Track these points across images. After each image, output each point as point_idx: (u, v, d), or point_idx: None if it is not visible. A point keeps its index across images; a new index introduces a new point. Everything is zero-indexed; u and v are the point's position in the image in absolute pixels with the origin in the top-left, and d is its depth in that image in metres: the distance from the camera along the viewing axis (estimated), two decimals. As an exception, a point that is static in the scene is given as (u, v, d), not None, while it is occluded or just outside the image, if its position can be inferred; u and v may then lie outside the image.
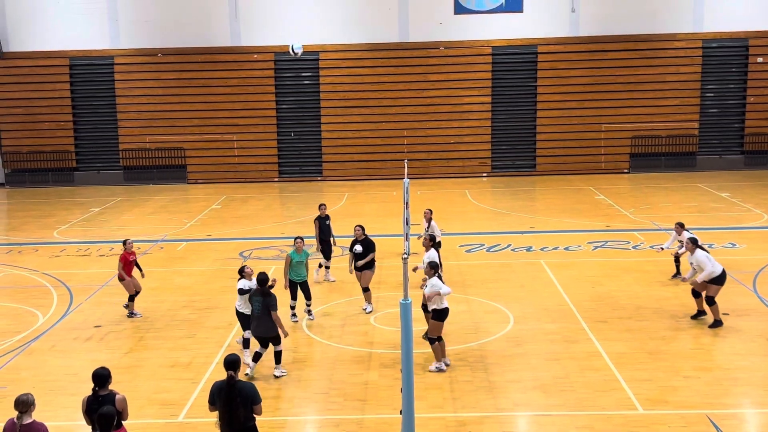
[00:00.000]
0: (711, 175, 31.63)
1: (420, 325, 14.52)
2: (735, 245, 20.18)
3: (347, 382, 12.36)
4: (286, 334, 12.40)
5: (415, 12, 33.03)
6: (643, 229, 22.42)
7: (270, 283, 12.64)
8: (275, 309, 12.19)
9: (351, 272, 15.85)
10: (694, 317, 14.58)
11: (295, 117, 33.72)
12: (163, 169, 33.49)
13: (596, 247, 20.46)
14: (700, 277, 14.23)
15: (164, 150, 33.46)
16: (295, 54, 21.20)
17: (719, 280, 14.15)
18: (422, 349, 13.42)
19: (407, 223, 19.08)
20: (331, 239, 18.10)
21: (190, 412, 11.46)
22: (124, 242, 15.99)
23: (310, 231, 23.32)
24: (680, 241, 16.61)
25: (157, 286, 17.80)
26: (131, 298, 15.75)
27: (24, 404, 8.10)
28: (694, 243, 14.49)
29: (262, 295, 12.28)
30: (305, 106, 33.64)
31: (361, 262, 15.63)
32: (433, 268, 12.76)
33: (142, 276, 16.19)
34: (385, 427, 10.83)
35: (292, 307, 15.22)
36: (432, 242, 14.93)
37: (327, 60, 33.23)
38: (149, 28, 33.37)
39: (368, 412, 11.33)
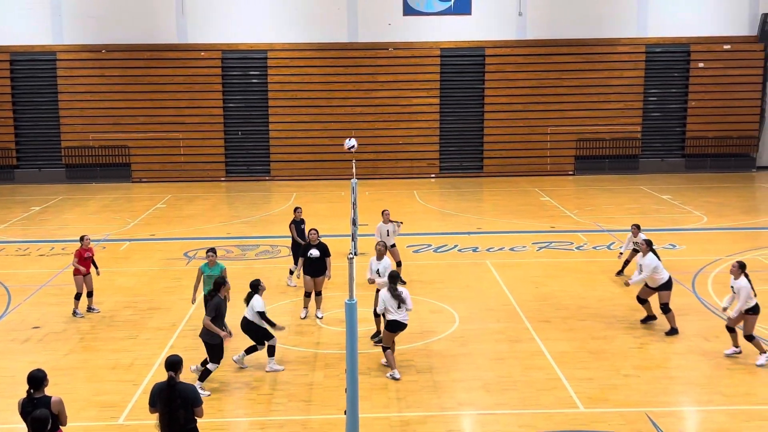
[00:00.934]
0: (653, 177, 32.26)
1: (367, 325, 14.52)
2: (675, 246, 20.61)
3: (292, 382, 12.30)
4: (226, 336, 12.06)
5: (365, 12, 33.06)
6: (587, 230, 22.76)
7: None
8: (209, 314, 11.80)
9: (299, 277, 15.46)
10: (644, 321, 14.72)
11: (242, 116, 33.45)
12: (107, 168, 32.92)
13: (541, 248, 20.71)
14: (639, 277, 14.38)
15: (108, 148, 32.89)
16: (351, 149, 21.12)
17: (667, 285, 14.39)
18: (367, 349, 13.42)
19: (354, 224, 19.08)
20: None
21: (131, 414, 11.27)
22: (82, 238, 15.82)
23: (256, 231, 23.23)
24: (635, 242, 16.80)
25: (99, 286, 17.40)
26: (77, 296, 15.51)
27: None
28: (648, 245, 14.66)
29: (208, 296, 12.16)
30: (253, 104, 33.40)
31: (330, 272, 15.26)
32: (392, 280, 12.55)
33: (98, 274, 15.95)
34: (330, 428, 10.80)
35: None
36: (385, 248, 14.74)
37: (275, 59, 33.04)
38: (93, 23, 32.78)
39: (313, 412, 11.28)
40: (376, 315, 13.61)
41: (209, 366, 12.04)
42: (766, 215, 25.17)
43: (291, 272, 17.43)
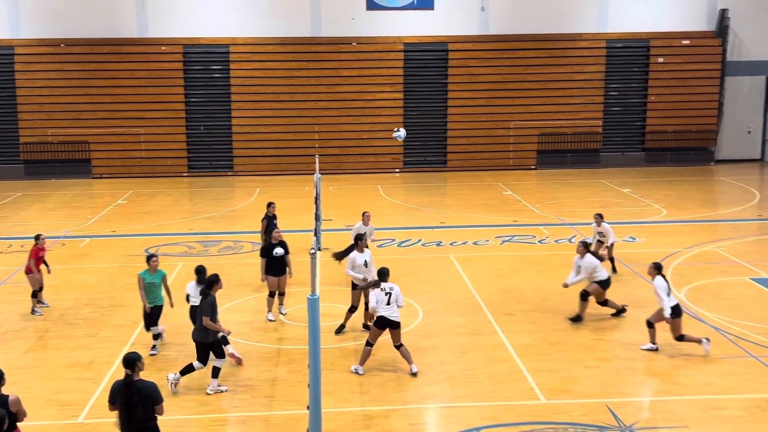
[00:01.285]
0: (614, 171, 32.64)
1: (331, 320, 14.52)
2: (635, 239, 20.88)
3: (255, 378, 12.26)
4: (228, 332, 12.09)
5: (328, 6, 32.95)
6: (549, 224, 22.96)
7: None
8: (206, 314, 11.62)
9: (263, 280, 14.95)
10: (614, 315, 14.86)
11: (204, 111, 33.17)
12: (67, 164, 32.45)
13: (504, 242, 20.85)
14: (577, 278, 14.51)
15: (68, 144, 32.43)
16: (399, 137, 21.25)
17: (603, 284, 14.52)
18: (330, 345, 13.42)
19: (317, 219, 19.02)
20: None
21: (91, 412, 11.16)
22: (37, 237, 15.70)
23: (219, 227, 23.08)
24: (600, 233, 16.98)
25: (59, 283, 17.25)
26: (35, 294, 15.38)
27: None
28: (585, 247, 14.76)
29: (201, 295, 12.00)
30: (215, 99, 33.13)
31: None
32: (381, 276, 12.52)
33: (48, 272, 15.87)
34: (293, 423, 10.79)
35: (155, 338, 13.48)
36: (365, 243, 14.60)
37: (237, 53, 32.81)
38: (52, 17, 32.26)
39: (276, 408, 11.26)
40: (366, 309, 13.76)
41: (216, 363, 11.86)
42: (725, 208, 25.61)
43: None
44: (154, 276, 13.24)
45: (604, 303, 14.76)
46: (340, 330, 14.06)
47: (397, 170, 33.34)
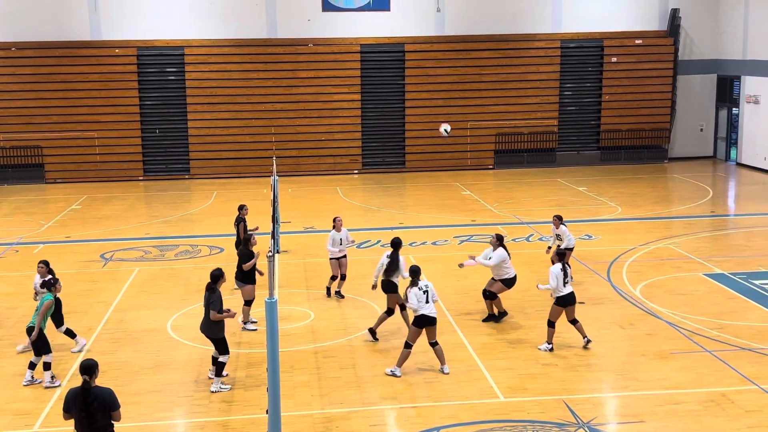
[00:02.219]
0: (570, 170, 32.99)
1: (288, 323, 14.48)
2: (591, 237, 21.13)
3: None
4: (234, 314, 12.13)
5: (283, 8, 32.81)
6: (507, 222, 23.13)
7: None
8: (215, 308, 11.67)
9: (239, 288, 14.61)
10: (486, 320, 14.76)
11: (160, 114, 32.80)
12: (19, 169, 31.85)
13: (462, 242, 20.95)
14: (483, 261, 14.48)
15: (20, 149, 31.83)
16: (446, 133, 21.54)
17: (507, 283, 14.54)
18: (289, 347, 13.37)
19: (275, 221, 18.95)
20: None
21: (46, 420, 10.98)
22: None
23: (176, 231, 22.85)
24: (558, 235, 16.98)
25: (12, 291, 16.95)
26: None
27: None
28: (499, 240, 14.71)
29: (207, 290, 11.90)
30: (170, 102, 32.79)
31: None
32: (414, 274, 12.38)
33: None
34: (252, 428, 10.73)
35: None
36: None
37: (192, 55, 32.51)
38: (2, 20, 31.63)
39: (234, 413, 11.19)
40: (402, 309, 13.85)
41: (221, 359, 11.86)
42: (678, 205, 26.04)
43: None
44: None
45: (490, 296, 14.60)
46: (373, 333, 13.92)
47: (356, 171, 33.33)
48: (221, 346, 11.94)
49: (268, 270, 9.79)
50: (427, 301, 12.13)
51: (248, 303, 14.55)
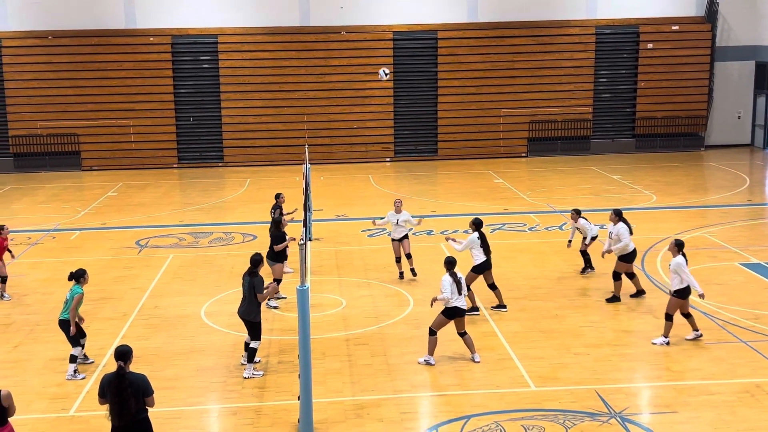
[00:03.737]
0: (604, 158, 32.67)
1: (320, 310, 14.59)
2: (625, 226, 20.88)
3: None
4: (275, 286, 12.83)
5: (316, -4, 32.85)
6: (539, 211, 23.00)
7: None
8: (259, 291, 11.93)
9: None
10: (633, 296, 14.96)
11: (194, 102, 33.05)
12: (56, 156, 32.32)
13: (494, 230, 20.87)
14: (614, 247, 14.68)
15: (57, 136, 32.28)
16: (386, 76, 21.67)
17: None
18: (320, 334, 13.45)
19: (308, 209, 19.03)
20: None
21: (82, 405, 11.16)
22: (1, 228, 16.00)
23: (210, 219, 23.03)
24: (578, 229, 16.91)
25: (49, 276, 17.23)
26: (4, 280, 15.86)
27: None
28: (617, 215, 14.91)
29: (249, 275, 12.08)
30: (204, 90, 33.00)
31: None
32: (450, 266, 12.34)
33: (12, 258, 16.68)
34: (284, 414, 10.81)
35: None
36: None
37: (226, 43, 32.67)
38: (39, 9, 32.05)
39: (266, 399, 11.28)
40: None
41: (253, 344, 12.01)
42: (714, 193, 25.68)
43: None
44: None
45: (617, 277, 14.86)
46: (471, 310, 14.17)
47: (388, 159, 33.31)
48: (256, 331, 12.04)
49: (299, 258, 9.86)
50: (459, 293, 12.11)
51: (278, 281, 14.94)
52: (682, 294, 12.78)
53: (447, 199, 25.42)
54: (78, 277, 12.44)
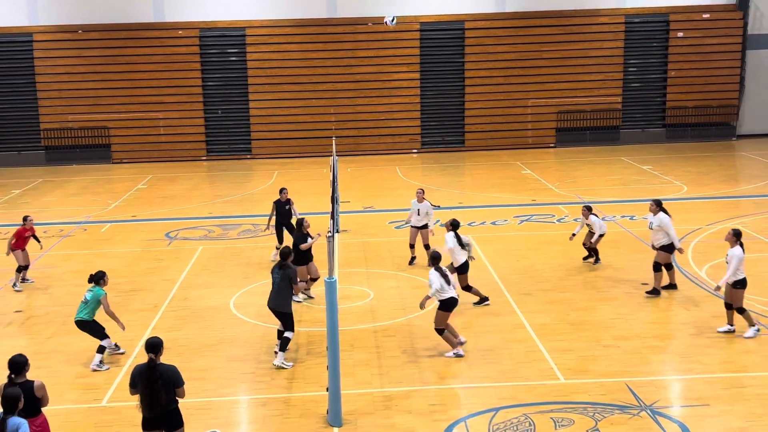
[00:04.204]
0: (634, 148, 32.37)
1: (348, 302, 14.62)
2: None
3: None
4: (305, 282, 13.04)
5: (343, -13, 32.82)
6: (568, 202, 22.84)
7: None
8: (295, 282, 12.06)
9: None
10: (654, 291, 14.68)
11: (222, 94, 33.22)
12: (87, 149, 32.67)
13: (522, 221, 20.78)
14: (660, 242, 14.50)
15: (87, 129, 32.63)
16: (392, 22, 21.59)
17: (671, 248, 14.49)
18: (349, 326, 13.48)
19: (335, 201, 19.06)
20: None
21: (114, 395, 11.30)
22: (25, 218, 16.50)
23: (238, 211, 23.18)
24: (588, 225, 16.75)
25: (80, 268, 17.42)
26: (20, 269, 16.21)
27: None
28: (658, 204, 14.72)
29: (280, 268, 12.14)
30: (232, 83, 33.17)
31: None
32: (434, 261, 12.30)
33: (41, 248, 17.36)
34: (312, 405, 10.86)
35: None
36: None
37: (254, 36, 32.77)
38: (69, 3, 32.38)
39: (295, 390, 11.34)
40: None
41: (287, 334, 12.13)
42: (746, 183, 25.35)
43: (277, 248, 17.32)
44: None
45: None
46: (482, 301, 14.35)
47: (415, 151, 33.27)
48: (289, 322, 12.12)
49: (327, 250, 9.89)
50: (449, 283, 12.08)
51: (313, 279, 15.09)
52: (742, 284, 12.64)
53: (474, 190, 25.34)
54: (98, 279, 12.57)
